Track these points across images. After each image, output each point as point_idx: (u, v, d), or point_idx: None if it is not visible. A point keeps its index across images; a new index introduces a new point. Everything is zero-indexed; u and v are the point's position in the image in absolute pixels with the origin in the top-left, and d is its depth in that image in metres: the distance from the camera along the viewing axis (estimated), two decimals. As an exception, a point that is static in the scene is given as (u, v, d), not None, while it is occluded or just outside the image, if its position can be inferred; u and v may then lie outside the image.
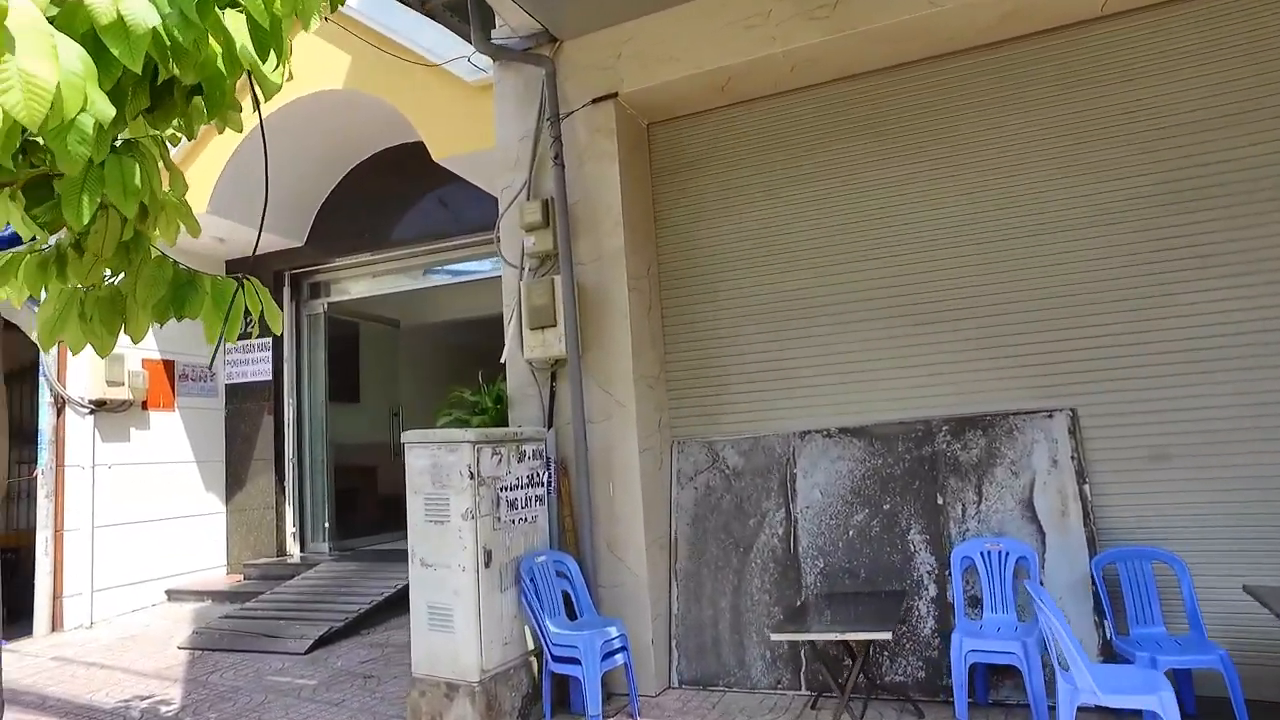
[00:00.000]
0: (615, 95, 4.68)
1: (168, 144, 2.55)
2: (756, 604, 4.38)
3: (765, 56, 4.33)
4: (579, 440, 4.42)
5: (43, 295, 2.54)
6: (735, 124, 4.88)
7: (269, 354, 8.25)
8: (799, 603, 4.15)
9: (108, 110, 1.66)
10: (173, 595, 7.56)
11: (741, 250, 4.78)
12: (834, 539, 4.29)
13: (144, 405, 7.54)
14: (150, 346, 7.64)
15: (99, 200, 1.98)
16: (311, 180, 7.95)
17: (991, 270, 4.22)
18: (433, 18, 6.41)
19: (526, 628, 4.01)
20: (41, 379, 6.87)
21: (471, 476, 3.79)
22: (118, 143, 2.11)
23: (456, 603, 3.78)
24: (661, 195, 5.01)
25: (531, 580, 3.98)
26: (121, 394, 7.17)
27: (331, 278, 8.54)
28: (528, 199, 4.74)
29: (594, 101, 4.70)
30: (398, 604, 6.32)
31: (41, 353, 6.85)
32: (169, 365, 7.84)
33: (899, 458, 4.25)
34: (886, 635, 3.32)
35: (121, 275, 2.56)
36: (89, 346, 2.56)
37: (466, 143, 5.94)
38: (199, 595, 7.47)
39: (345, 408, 8.65)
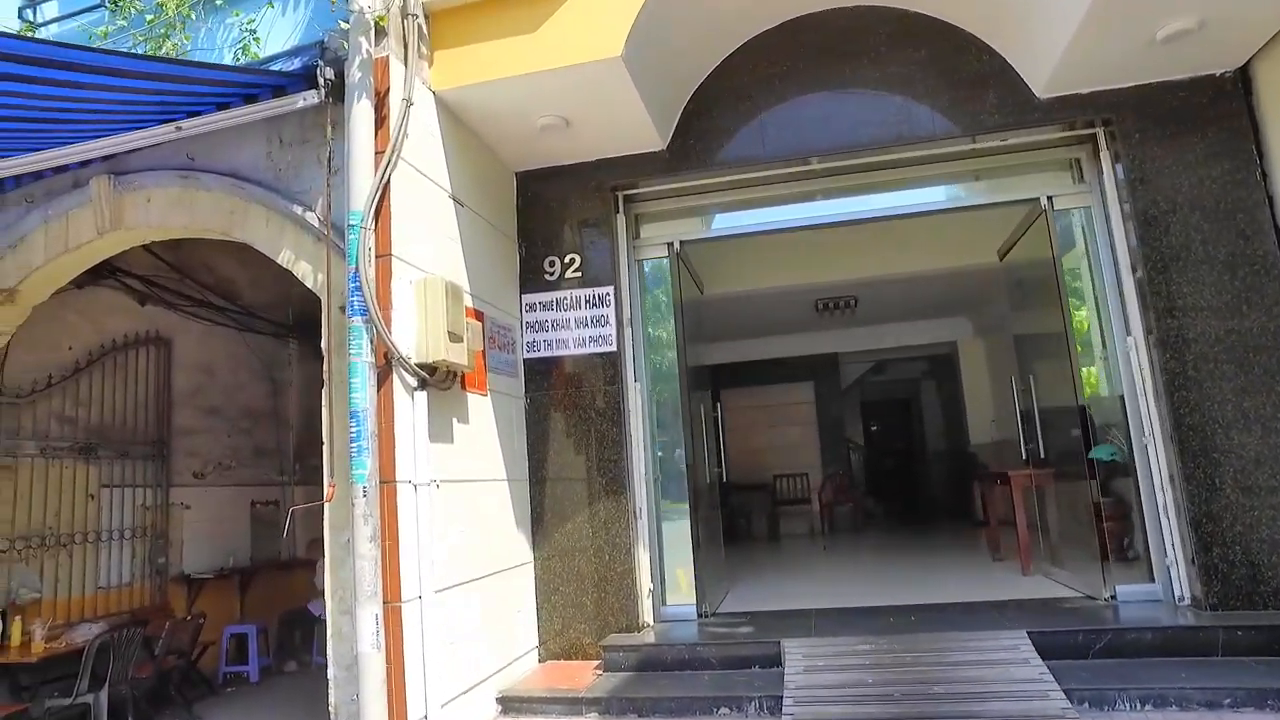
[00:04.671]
0: None
1: None
2: None
3: None
4: None
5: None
6: None
7: (609, 310, 5.30)
8: None
9: None
10: (509, 706, 4.43)
11: None
12: None
13: (463, 383, 4.47)
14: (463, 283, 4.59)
15: None
16: (694, 54, 5.17)
17: None
18: None
19: None
20: (354, 318, 3.73)
21: None
22: None
23: None
24: None
25: None
26: (459, 357, 4.13)
27: (693, 205, 5.71)
28: None
29: None
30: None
31: (359, 273, 3.75)
32: (480, 318, 4.79)
33: None
34: None
35: None
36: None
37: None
38: (564, 706, 4.35)
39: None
